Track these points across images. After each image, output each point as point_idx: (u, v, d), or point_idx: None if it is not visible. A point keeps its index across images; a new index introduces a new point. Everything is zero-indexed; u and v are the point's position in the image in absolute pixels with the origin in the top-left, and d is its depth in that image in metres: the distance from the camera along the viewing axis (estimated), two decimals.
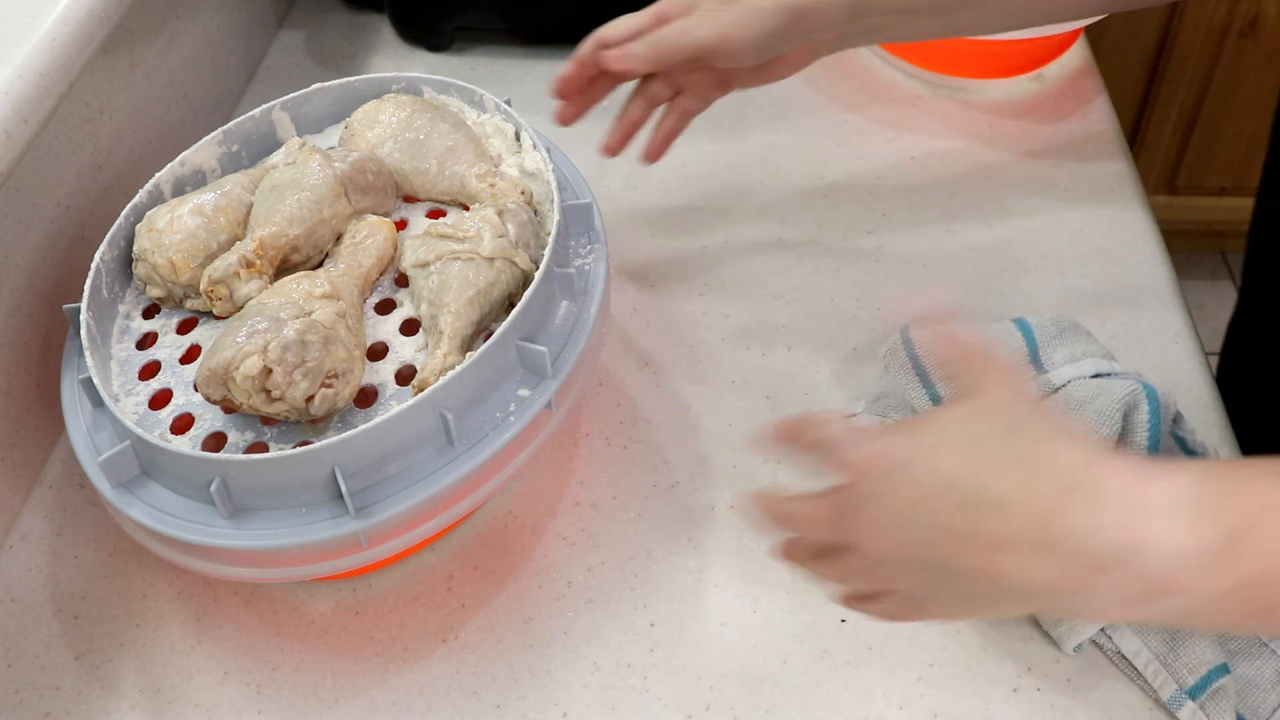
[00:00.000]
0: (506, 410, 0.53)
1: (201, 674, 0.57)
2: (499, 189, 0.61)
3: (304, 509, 0.51)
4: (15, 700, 0.56)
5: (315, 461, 0.49)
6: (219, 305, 0.57)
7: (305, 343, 0.51)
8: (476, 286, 0.55)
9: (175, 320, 0.60)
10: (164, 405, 0.55)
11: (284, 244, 0.58)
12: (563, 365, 0.54)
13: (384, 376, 0.55)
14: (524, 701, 0.55)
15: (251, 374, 0.50)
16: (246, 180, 0.62)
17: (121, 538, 0.62)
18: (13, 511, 0.64)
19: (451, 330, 0.54)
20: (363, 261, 0.58)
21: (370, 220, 0.60)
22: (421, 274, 0.57)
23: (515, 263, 0.57)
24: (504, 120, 0.66)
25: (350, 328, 0.54)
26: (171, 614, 0.59)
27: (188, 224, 0.58)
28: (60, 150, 0.67)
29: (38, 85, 0.58)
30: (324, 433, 0.53)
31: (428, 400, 0.50)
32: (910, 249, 0.76)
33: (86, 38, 0.63)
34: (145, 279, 0.59)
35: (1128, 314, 0.71)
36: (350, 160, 0.61)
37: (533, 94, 0.75)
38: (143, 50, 0.76)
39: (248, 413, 0.53)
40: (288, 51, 0.97)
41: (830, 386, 0.68)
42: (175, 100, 0.81)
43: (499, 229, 0.57)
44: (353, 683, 0.56)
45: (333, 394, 0.52)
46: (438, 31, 0.95)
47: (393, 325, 0.58)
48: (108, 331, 0.59)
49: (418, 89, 0.68)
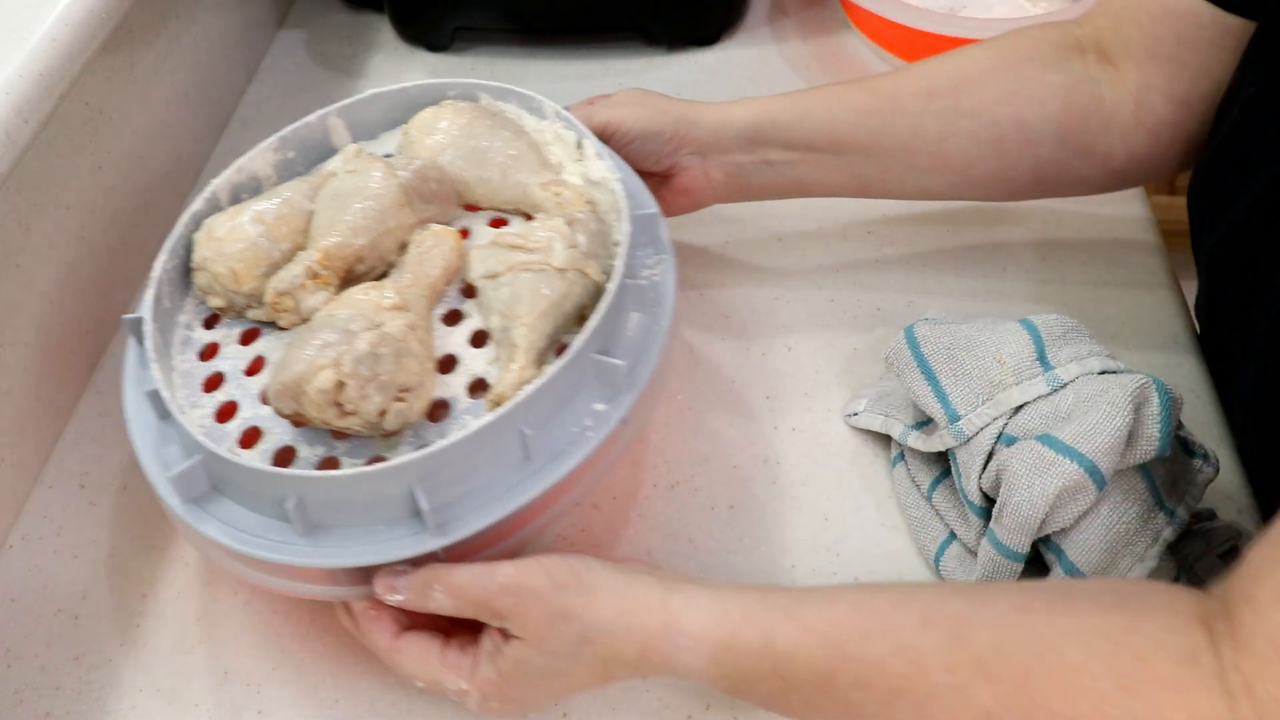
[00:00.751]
0: (582, 425, 0.51)
1: (201, 674, 0.57)
2: (564, 198, 0.60)
3: (381, 526, 0.49)
4: (15, 700, 0.56)
5: (395, 478, 0.48)
6: (284, 317, 0.56)
7: (377, 356, 0.50)
8: (550, 298, 0.54)
9: (237, 331, 0.58)
10: (230, 418, 0.54)
11: (349, 254, 0.56)
12: (638, 379, 0.53)
13: (455, 390, 0.54)
14: None
15: (325, 388, 0.49)
16: (306, 188, 0.60)
17: (122, 538, 0.62)
18: (13, 511, 0.64)
19: (527, 343, 0.53)
20: (429, 272, 0.57)
21: (435, 229, 0.59)
22: (491, 285, 0.55)
23: (587, 274, 0.55)
24: (564, 128, 0.64)
25: (421, 340, 0.53)
26: (171, 614, 0.59)
27: (249, 232, 0.57)
28: (60, 150, 0.67)
29: (38, 85, 0.58)
30: (396, 447, 0.52)
31: (507, 416, 0.49)
32: (910, 249, 0.76)
33: (86, 38, 0.63)
34: (206, 289, 0.58)
35: (1128, 314, 0.71)
36: (413, 168, 0.59)
37: None
38: (143, 50, 0.76)
39: (319, 427, 0.51)
40: (288, 51, 0.97)
41: (830, 386, 0.68)
42: (175, 100, 0.81)
43: (570, 239, 0.56)
44: (353, 683, 0.56)
45: (405, 408, 0.51)
46: (438, 31, 0.95)
47: (461, 337, 0.56)
48: (169, 342, 0.57)
49: (473, 95, 0.67)
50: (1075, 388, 0.55)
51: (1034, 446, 0.53)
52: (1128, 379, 0.54)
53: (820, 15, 0.98)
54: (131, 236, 0.75)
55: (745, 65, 0.93)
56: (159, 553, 0.62)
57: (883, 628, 0.45)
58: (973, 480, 0.56)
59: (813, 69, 0.92)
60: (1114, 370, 0.56)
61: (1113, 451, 0.52)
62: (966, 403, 0.57)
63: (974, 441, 0.56)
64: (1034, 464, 0.52)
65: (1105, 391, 0.54)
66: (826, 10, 0.98)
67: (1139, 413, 0.53)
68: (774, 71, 0.92)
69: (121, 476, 0.66)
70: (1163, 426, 0.53)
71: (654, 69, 0.93)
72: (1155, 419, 0.53)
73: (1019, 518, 0.52)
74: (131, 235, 0.75)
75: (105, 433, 0.68)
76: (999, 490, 0.54)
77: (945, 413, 0.57)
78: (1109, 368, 0.56)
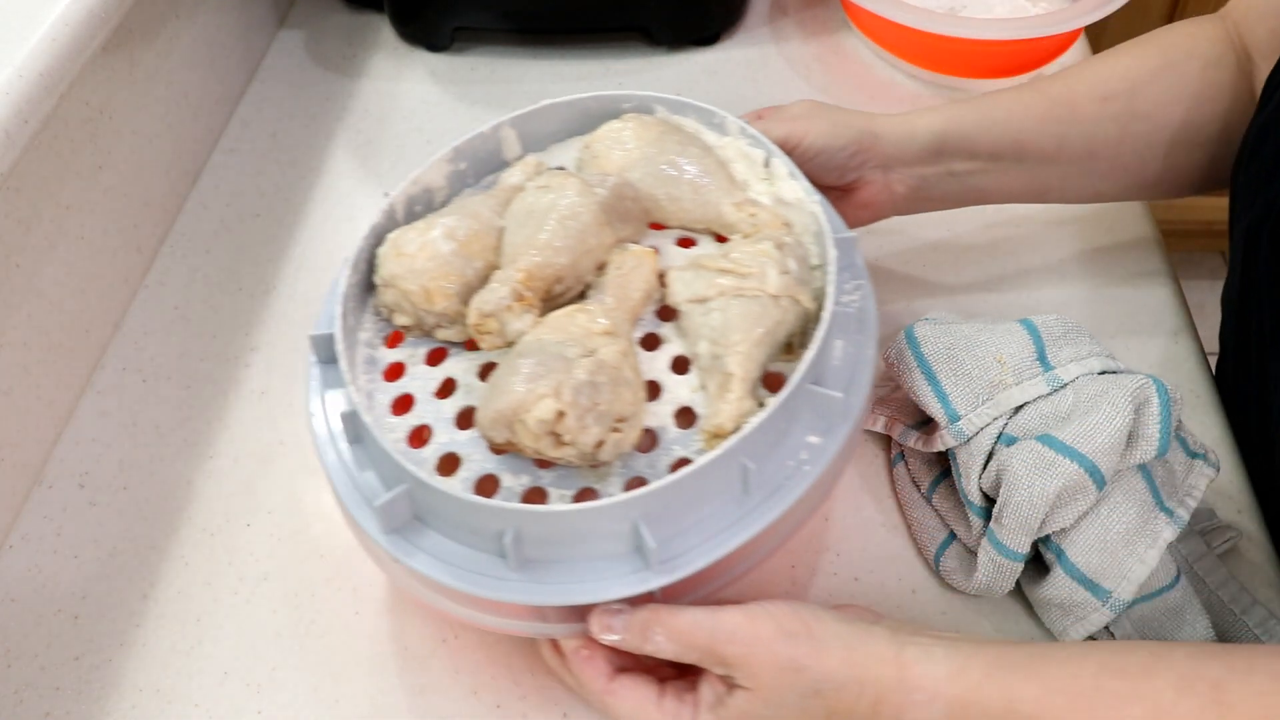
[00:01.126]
0: (799, 458, 0.49)
1: (201, 674, 0.57)
2: (759, 219, 0.57)
3: (599, 561, 0.47)
4: (15, 700, 0.56)
5: (622, 514, 0.46)
6: (487, 340, 0.53)
7: (596, 385, 0.48)
8: (764, 326, 0.51)
9: (423, 351, 0.56)
10: (423, 443, 0.52)
11: (549, 275, 0.54)
12: (851, 409, 0.51)
13: (662, 419, 0.52)
14: (524, 701, 0.55)
15: (545, 418, 0.47)
16: (493, 203, 0.58)
17: (122, 538, 0.62)
18: (13, 511, 0.64)
19: (743, 373, 0.50)
20: (631, 295, 0.54)
21: (634, 250, 0.56)
22: (699, 310, 0.53)
23: (799, 301, 0.53)
24: (750, 144, 0.61)
25: (633, 367, 0.51)
26: (171, 614, 0.59)
27: (441, 249, 0.54)
28: (60, 150, 0.67)
29: (38, 85, 0.58)
30: (606, 478, 0.50)
31: (732, 451, 0.47)
32: (911, 248, 0.76)
33: (86, 38, 0.63)
34: (393, 306, 0.55)
35: (1128, 314, 0.71)
36: (609, 186, 0.57)
37: (533, 94, 0.75)
38: (143, 50, 0.76)
39: (526, 455, 0.50)
40: (288, 51, 0.97)
41: None
42: (175, 100, 0.81)
43: (782, 265, 0.53)
44: (352, 683, 0.56)
45: (621, 438, 0.49)
46: (438, 31, 0.95)
47: (663, 363, 0.54)
48: (352, 360, 0.55)
49: (650, 108, 0.63)
50: (1075, 388, 0.55)
51: (1034, 446, 0.53)
52: (1128, 379, 0.54)
53: (820, 15, 0.98)
54: (131, 236, 0.75)
55: (745, 65, 0.93)
56: (159, 553, 0.62)
57: (1136, 691, 0.43)
58: (973, 480, 0.56)
59: (813, 69, 0.92)
60: (1114, 370, 0.57)
61: (1113, 451, 0.52)
62: (966, 403, 0.57)
63: (974, 441, 0.56)
64: (1034, 464, 0.52)
65: (1105, 392, 0.54)
66: (826, 10, 0.98)
67: (1139, 413, 0.53)
68: (774, 71, 0.92)
69: (121, 476, 0.66)
70: (1163, 427, 0.53)
71: (654, 69, 0.93)
72: (1155, 419, 0.53)
73: (1019, 517, 0.52)
74: (131, 235, 0.75)
75: (105, 433, 0.68)
76: (999, 490, 0.54)
77: (945, 413, 0.57)
78: (1109, 368, 0.57)
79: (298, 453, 0.66)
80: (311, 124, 0.90)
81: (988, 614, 0.57)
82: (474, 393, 0.53)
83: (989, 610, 0.57)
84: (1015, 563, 0.54)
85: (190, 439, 0.67)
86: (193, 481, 0.65)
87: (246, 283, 0.77)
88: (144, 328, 0.74)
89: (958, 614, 0.57)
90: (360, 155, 0.87)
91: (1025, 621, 0.56)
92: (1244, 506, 0.61)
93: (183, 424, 0.68)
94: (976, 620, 0.57)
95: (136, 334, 0.74)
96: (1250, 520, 0.60)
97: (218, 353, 0.72)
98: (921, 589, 0.58)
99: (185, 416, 0.69)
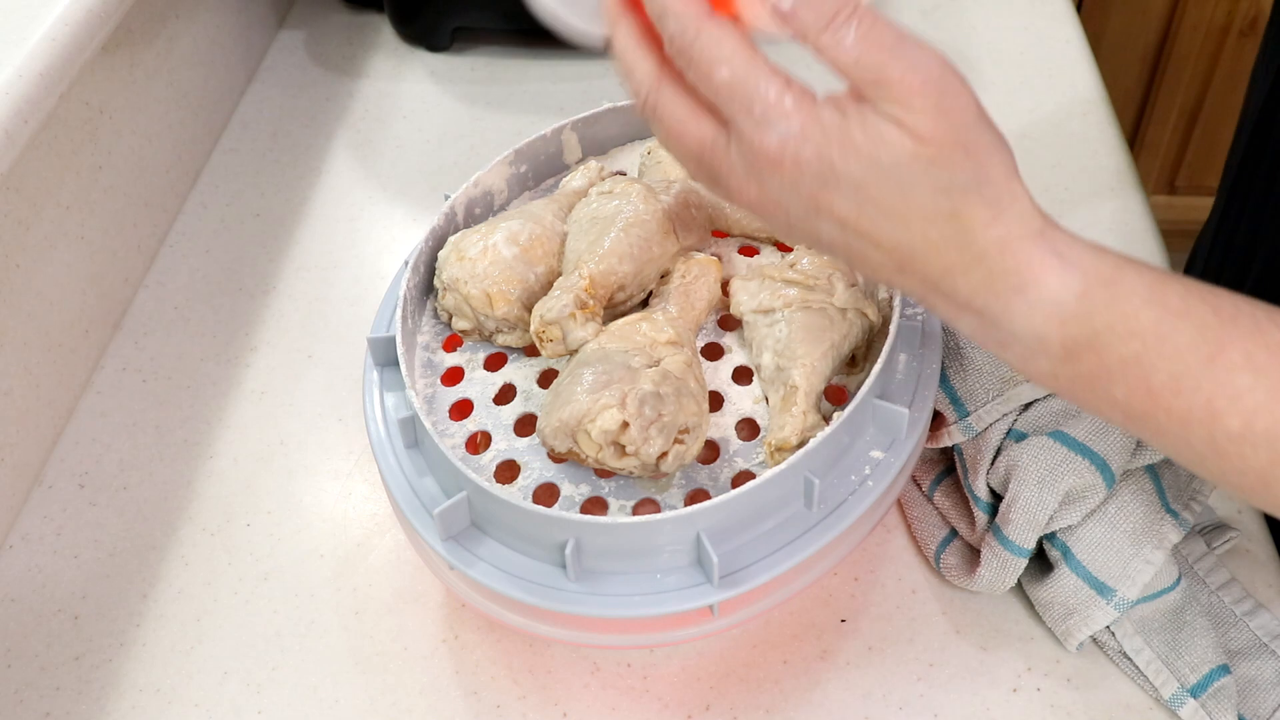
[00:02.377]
0: (862, 473, 0.49)
1: (201, 674, 0.57)
2: None
3: (657, 575, 0.47)
4: (15, 700, 0.56)
5: (683, 527, 0.46)
6: (549, 347, 0.52)
7: (660, 396, 0.47)
8: (830, 339, 0.51)
9: (481, 355, 0.56)
10: (481, 450, 0.52)
11: (612, 282, 0.53)
12: (915, 425, 0.50)
13: (725, 430, 0.51)
14: (524, 701, 0.55)
15: (609, 428, 0.46)
16: (555, 207, 0.58)
17: (122, 538, 0.62)
18: (13, 511, 0.64)
19: (808, 385, 0.50)
20: (695, 304, 0.54)
21: (699, 259, 0.56)
22: (764, 321, 0.52)
23: (865, 314, 0.53)
24: None
25: (698, 378, 0.50)
26: (171, 614, 0.59)
27: (503, 254, 0.54)
28: (60, 150, 0.67)
29: (38, 85, 0.58)
30: (666, 489, 0.50)
31: (796, 465, 0.46)
32: None
33: (86, 38, 0.63)
34: (454, 310, 0.55)
35: None
36: (674, 193, 0.57)
37: (532, 94, 0.75)
38: (143, 50, 0.76)
39: (586, 465, 0.49)
40: (288, 51, 0.97)
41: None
42: (175, 100, 0.81)
43: (851, 277, 0.53)
44: (352, 683, 0.56)
45: (684, 450, 0.48)
46: (438, 31, 0.95)
47: (725, 373, 0.54)
48: (410, 364, 0.55)
49: None
50: None
51: (1046, 443, 0.53)
52: None
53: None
54: (131, 236, 0.75)
55: None
56: (159, 553, 0.62)
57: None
58: (981, 476, 0.56)
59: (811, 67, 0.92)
60: None
61: (1124, 450, 0.52)
62: (976, 398, 0.57)
63: (983, 437, 0.56)
64: (1046, 460, 0.52)
65: None
66: None
67: None
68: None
69: (121, 476, 0.66)
70: None
71: None
72: None
73: (1028, 513, 0.52)
74: (131, 235, 0.75)
75: (105, 433, 0.68)
76: (1007, 486, 0.54)
77: (954, 408, 0.57)
78: None
79: (298, 453, 0.66)
80: (311, 124, 0.90)
81: (988, 613, 0.57)
82: (533, 399, 0.53)
83: (989, 609, 0.57)
84: (1020, 559, 0.54)
85: (190, 439, 0.67)
86: (193, 481, 0.65)
87: (246, 283, 0.77)
88: (144, 328, 0.74)
89: (958, 613, 0.57)
90: (360, 155, 0.87)
91: (1025, 621, 0.56)
92: (1244, 506, 0.61)
93: (183, 424, 0.68)
94: (977, 620, 0.57)
95: (136, 334, 0.74)
96: (1251, 520, 0.60)
97: (218, 353, 0.72)
98: (921, 588, 0.58)
99: (185, 416, 0.69)
